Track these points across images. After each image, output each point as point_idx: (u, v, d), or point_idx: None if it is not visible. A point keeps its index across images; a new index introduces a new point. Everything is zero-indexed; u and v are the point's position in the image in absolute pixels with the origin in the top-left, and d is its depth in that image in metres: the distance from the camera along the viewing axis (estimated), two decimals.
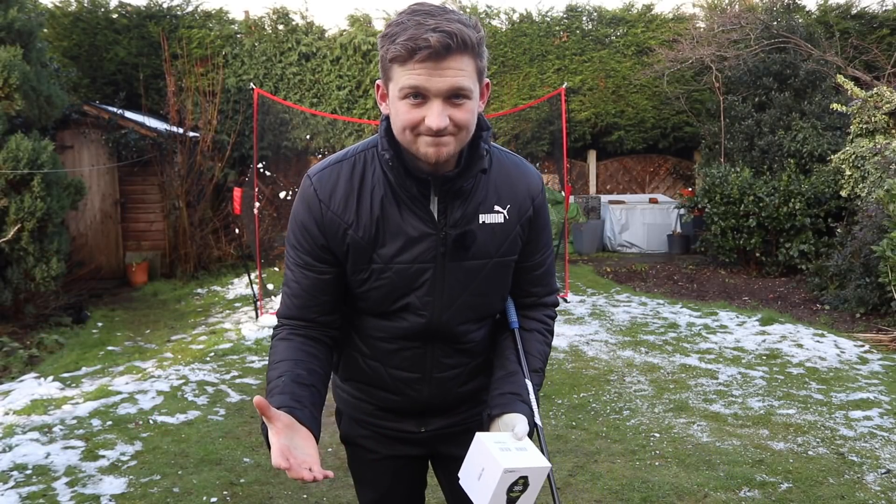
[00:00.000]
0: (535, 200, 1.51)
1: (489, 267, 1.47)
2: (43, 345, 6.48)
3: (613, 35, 12.85)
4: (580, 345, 6.23)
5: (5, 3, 7.39)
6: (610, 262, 11.11)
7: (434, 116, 1.27)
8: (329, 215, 1.40)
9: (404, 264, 1.42)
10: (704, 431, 4.18)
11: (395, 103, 1.32)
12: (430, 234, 1.41)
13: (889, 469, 3.62)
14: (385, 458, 1.64)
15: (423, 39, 1.23)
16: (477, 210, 1.44)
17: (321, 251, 1.43)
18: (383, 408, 1.60)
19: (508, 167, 1.50)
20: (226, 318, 7.67)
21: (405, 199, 1.40)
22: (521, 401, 1.48)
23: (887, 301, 6.66)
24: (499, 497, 1.23)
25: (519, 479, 1.23)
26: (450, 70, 1.26)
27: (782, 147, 10.06)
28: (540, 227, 1.54)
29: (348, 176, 1.42)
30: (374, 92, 1.42)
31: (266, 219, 11.19)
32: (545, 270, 1.60)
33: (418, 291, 1.44)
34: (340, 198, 1.41)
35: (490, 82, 1.42)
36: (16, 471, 3.64)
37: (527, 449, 1.30)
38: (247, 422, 4.41)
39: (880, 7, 12.71)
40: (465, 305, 1.48)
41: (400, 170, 1.37)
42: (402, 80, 1.28)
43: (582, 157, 13.27)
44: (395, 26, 1.27)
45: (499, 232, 1.46)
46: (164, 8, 12.44)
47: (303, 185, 1.44)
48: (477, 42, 1.29)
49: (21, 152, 6.93)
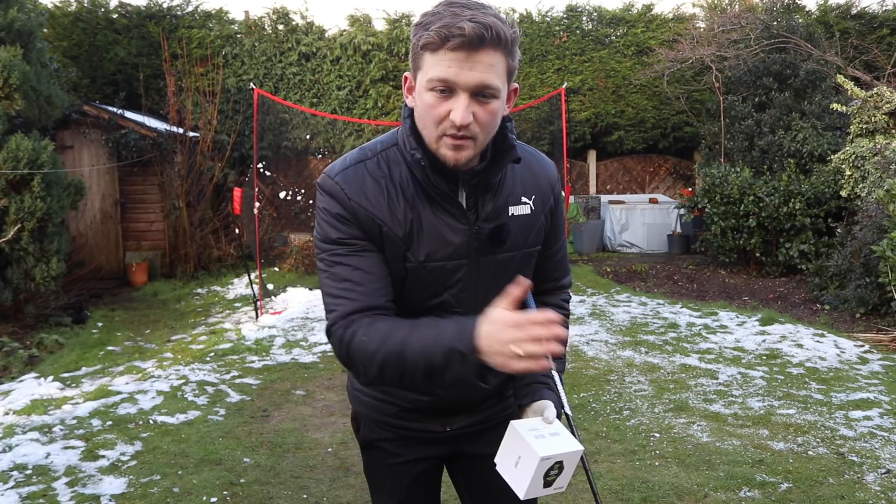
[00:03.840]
0: (555, 189, 1.54)
1: (518, 258, 1.48)
2: (43, 345, 6.48)
3: (613, 35, 12.85)
4: (580, 345, 6.23)
5: (5, 3, 7.38)
6: (610, 262, 11.11)
7: (459, 111, 1.26)
8: (362, 212, 1.35)
9: (439, 262, 1.40)
10: (704, 431, 4.18)
11: (421, 94, 1.30)
12: (463, 229, 1.40)
13: (889, 469, 3.62)
14: (407, 461, 1.62)
15: (458, 27, 1.22)
16: (507, 202, 1.44)
17: (362, 239, 1.36)
18: (407, 409, 1.57)
19: (528, 158, 1.51)
20: (226, 318, 7.67)
21: (435, 196, 1.38)
22: (547, 388, 1.49)
23: (887, 301, 6.66)
24: (537, 482, 1.27)
25: (555, 463, 1.27)
26: (480, 64, 1.25)
27: (782, 147, 10.07)
28: (560, 214, 1.57)
29: (375, 175, 1.38)
30: (402, 85, 1.40)
31: (266, 219, 11.20)
32: (563, 254, 1.63)
33: (452, 289, 1.43)
34: (372, 197, 1.36)
35: (518, 87, 1.40)
36: (16, 471, 3.64)
37: (559, 433, 1.33)
38: (247, 422, 4.41)
39: (880, 7, 12.73)
40: (496, 299, 1.49)
41: (429, 167, 1.35)
42: (431, 70, 1.26)
43: (582, 157, 13.27)
44: (430, 16, 1.26)
45: (527, 223, 1.47)
46: (164, 8, 12.44)
47: (325, 185, 1.39)
48: (511, 40, 1.28)
49: (21, 152, 6.93)
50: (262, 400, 4.84)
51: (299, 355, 5.96)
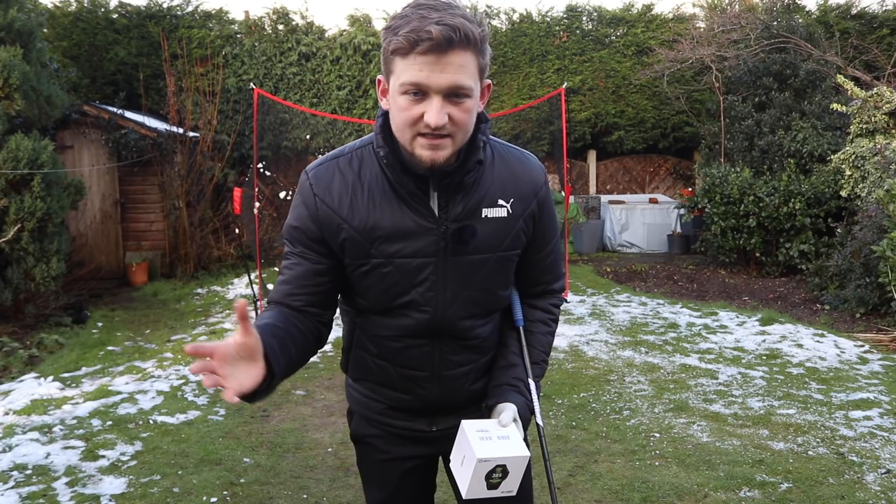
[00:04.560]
0: (539, 193, 1.51)
1: (492, 261, 1.47)
2: (43, 345, 6.48)
3: (613, 35, 12.85)
4: (580, 345, 6.23)
5: (5, 3, 7.38)
6: (610, 262, 11.11)
7: (433, 113, 1.27)
8: (324, 209, 1.42)
9: (405, 258, 1.42)
10: (704, 431, 4.18)
11: (394, 98, 1.32)
12: (431, 228, 1.41)
13: (889, 469, 3.62)
14: (395, 458, 1.64)
15: (426, 31, 1.23)
16: (479, 204, 1.44)
17: (315, 242, 1.45)
18: (394, 406, 1.60)
19: (511, 161, 1.50)
20: (226, 318, 7.67)
21: (404, 195, 1.40)
22: (516, 391, 1.49)
23: (887, 301, 6.66)
24: (478, 483, 1.27)
25: (496, 467, 1.26)
26: (451, 66, 1.26)
27: (782, 147, 10.07)
28: (547, 218, 1.55)
29: (345, 172, 1.43)
30: (376, 88, 1.43)
31: (266, 219, 11.19)
32: (555, 258, 1.62)
33: (419, 287, 1.44)
34: (336, 193, 1.42)
35: (491, 83, 1.42)
36: (16, 471, 3.64)
37: (509, 437, 1.32)
38: (247, 422, 4.41)
39: (880, 7, 12.73)
40: (468, 300, 1.48)
41: (397, 166, 1.37)
42: (403, 74, 1.28)
43: (582, 157, 13.28)
44: (399, 19, 1.28)
45: (502, 226, 1.46)
46: (164, 8, 12.44)
47: (301, 181, 1.47)
48: (480, 38, 1.29)
49: (21, 152, 6.93)
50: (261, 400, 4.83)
51: None
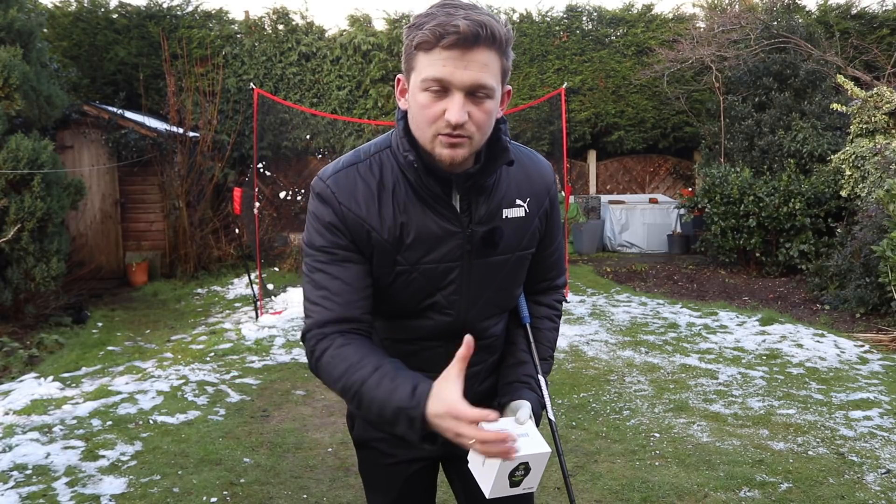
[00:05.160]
0: (551, 191, 1.53)
1: (512, 261, 1.48)
2: (43, 345, 6.48)
3: (613, 35, 12.85)
4: (580, 345, 6.23)
5: (5, 3, 7.39)
6: (610, 262, 11.11)
7: (455, 110, 1.25)
8: (352, 217, 1.35)
9: (431, 265, 1.40)
10: (704, 431, 4.18)
11: (415, 95, 1.29)
12: (456, 232, 1.39)
13: (889, 469, 3.62)
14: (400, 461, 1.62)
15: (453, 25, 1.21)
16: (500, 205, 1.43)
17: (353, 243, 1.37)
18: None
19: (523, 160, 1.50)
20: (226, 318, 7.67)
21: (428, 198, 1.37)
22: (528, 388, 1.50)
23: (887, 301, 6.66)
24: (501, 482, 1.28)
25: (520, 465, 1.27)
26: (475, 63, 1.24)
27: (782, 147, 10.07)
28: (556, 215, 1.56)
29: (367, 179, 1.37)
30: (395, 88, 1.40)
31: (266, 219, 11.19)
32: (560, 254, 1.63)
33: (444, 291, 1.43)
34: (362, 201, 1.36)
35: (511, 90, 1.40)
36: (16, 471, 3.64)
37: (528, 434, 1.33)
38: (247, 422, 4.41)
39: (880, 7, 12.72)
40: (489, 301, 1.49)
41: (422, 170, 1.34)
42: (425, 70, 1.26)
43: (582, 157, 13.28)
44: (424, 17, 1.26)
45: (521, 226, 1.46)
46: (164, 8, 12.44)
47: (317, 188, 1.39)
48: (505, 39, 1.28)
49: (21, 152, 6.93)
50: (262, 400, 4.84)
51: (299, 355, 5.96)
